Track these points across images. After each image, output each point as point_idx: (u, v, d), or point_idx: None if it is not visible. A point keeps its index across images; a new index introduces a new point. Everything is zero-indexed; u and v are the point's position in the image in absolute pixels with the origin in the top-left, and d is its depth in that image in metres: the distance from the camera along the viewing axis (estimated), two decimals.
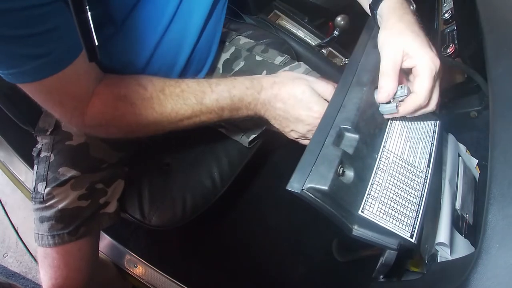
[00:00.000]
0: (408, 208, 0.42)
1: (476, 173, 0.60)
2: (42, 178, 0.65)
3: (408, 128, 0.50)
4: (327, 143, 0.42)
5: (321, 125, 0.44)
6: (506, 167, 0.37)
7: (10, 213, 1.24)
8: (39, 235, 0.65)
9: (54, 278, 0.66)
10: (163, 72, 0.63)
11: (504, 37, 0.49)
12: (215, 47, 0.70)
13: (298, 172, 0.39)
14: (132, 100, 0.51)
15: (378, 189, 0.42)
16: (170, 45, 0.60)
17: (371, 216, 0.40)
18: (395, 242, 0.41)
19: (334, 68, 1.06)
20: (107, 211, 0.70)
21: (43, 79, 0.43)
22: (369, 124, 0.46)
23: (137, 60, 0.59)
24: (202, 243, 1.14)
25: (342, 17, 1.02)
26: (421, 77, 0.44)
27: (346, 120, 0.44)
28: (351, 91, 0.47)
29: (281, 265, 1.11)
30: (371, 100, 0.48)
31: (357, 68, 0.50)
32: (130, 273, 0.89)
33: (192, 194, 0.79)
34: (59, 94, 0.47)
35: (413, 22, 0.49)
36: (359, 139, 0.43)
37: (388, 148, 0.46)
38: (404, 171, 0.45)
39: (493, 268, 0.32)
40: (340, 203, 0.39)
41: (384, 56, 0.47)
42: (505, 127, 0.40)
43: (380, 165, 0.44)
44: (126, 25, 0.54)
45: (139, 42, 0.57)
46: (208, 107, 0.54)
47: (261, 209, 1.20)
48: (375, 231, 0.41)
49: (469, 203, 0.55)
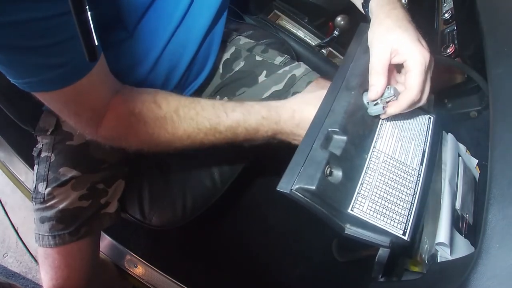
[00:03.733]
0: (401, 206, 0.43)
1: (476, 173, 0.61)
2: (43, 178, 0.65)
3: (400, 128, 0.51)
4: (316, 146, 0.43)
5: (310, 129, 0.45)
6: (506, 167, 0.37)
7: (10, 213, 1.24)
8: (40, 235, 0.65)
9: (54, 278, 0.66)
10: (166, 74, 0.63)
11: (504, 37, 0.49)
12: (216, 48, 0.70)
13: (288, 173, 0.41)
14: (146, 118, 0.50)
15: (368, 188, 0.43)
16: (174, 50, 0.61)
17: (361, 214, 0.41)
18: (387, 239, 0.42)
19: (334, 68, 1.06)
20: (108, 211, 0.70)
21: (59, 89, 0.43)
22: (358, 126, 0.47)
23: (144, 64, 0.59)
24: (202, 243, 1.14)
25: (342, 17, 1.02)
26: (412, 73, 0.44)
27: (334, 123, 0.45)
28: (340, 95, 0.48)
29: (281, 265, 1.11)
30: (360, 103, 0.49)
31: (347, 73, 0.51)
32: (130, 273, 0.89)
33: (192, 194, 0.79)
34: (75, 104, 0.47)
35: (402, 17, 0.49)
36: (347, 141, 0.44)
37: (378, 148, 0.47)
38: (396, 170, 0.46)
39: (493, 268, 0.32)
40: (329, 202, 0.41)
41: (373, 54, 0.47)
42: (505, 127, 0.40)
43: (370, 164, 0.45)
44: (137, 29, 0.54)
45: (148, 47, 0.58)
46: (221, 133, 0.53)
47: (261, 209, 1.20)
48: (366, 229, 0.42)
49: (469, 203, 0.55)
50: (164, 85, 0.65)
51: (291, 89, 0.71)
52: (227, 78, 0.77)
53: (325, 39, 1.12)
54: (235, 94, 0.75)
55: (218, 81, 0.77)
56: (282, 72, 0.73)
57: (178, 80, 0.66)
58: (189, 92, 0.72)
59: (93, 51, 0.47)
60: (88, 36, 0.45)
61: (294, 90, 0.71)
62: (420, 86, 0.44)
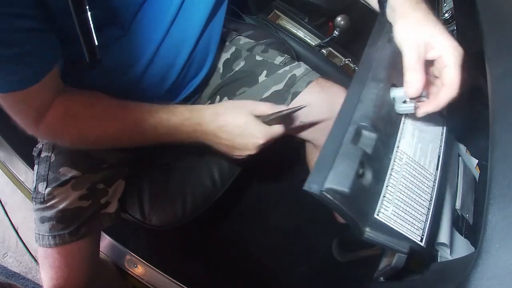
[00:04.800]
0: (419, 211, 0.41)
1: (476, 173, 0.60)
2: (43, 178, 0.65)
3: (419, 129, 0.48)
4: (346, 140, 0.39)
5: (338, 121, 0.41)
6: (506, 167, 0.37)
7: (10, 213, 1.24)
8: (40, 235, 0.65)
9: (55, 278, 0.66)
10: (163, 71, 0.63)
11: (504, 37, 0.49)
12: (214, 47, 0.70)
13: (317, 170, 0.37)
14: (78, 118, 0.53)
15: (392, 191, 0.40)
16: (170, 46, 0.60)
17: (386, 220, 0.39)
18: (406, 245, 0.40)
19: (334, 68, 1.06)
20: (108, 211, 0.70)
21: (9, 92, 0.45)
22: (385, 123, 0.43)
23: (139, 62, 0.59)
24: (202, 243, 1.14)
25: (342, 17, 1.02)
26: (449, 68, 0.43)
27: (364, 117, 0.41)
28: (368, 86, 0.45)
29: (281, 265, 1.11)
30: (387, 98, 0.45)
31: (373, 63, 0.48)
32: (130, 273, 0.89)
33: (192, 194, 0.79)
34: (21, 104, 0.49)
35: (429, 10, 0.47)
36: (377, 138, 0.41)
37: (401, 149, 0.44)
38: (416, 173, 0.43)
39: (493, 268, 0.32)
40: (357, 205, 0.38)
41: (406, 50, 0.44)
42: (505, 127, 0.40)
43: (394, 166, 0.42)
44: (133, 26, 0.54)
45: (144, 43, 0.58)
46: (146, 131, 0.56)
47: (261, 209, 1.20)
48: (387, 234, 0.40)
49: (469, 203, 0.55)
50: (161, 83, 0.65)
51: (291, 89, 0.71)
52: (227, 78, 0.77)
53: (325, 39, 1.12)
54: (235, 94, 0.75)
55: (218, 81, 0.77)
56: (282, 72, 0.73)
57: (176, 77, 0.65)
58: (188, 91, 0.71)
59: (93, 51, 0.47)
60: (88, 36, 0.45)
61: (294, 90, 0.71)
62: (459, 82, 0.42)
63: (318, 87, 0.71)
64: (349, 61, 1.17)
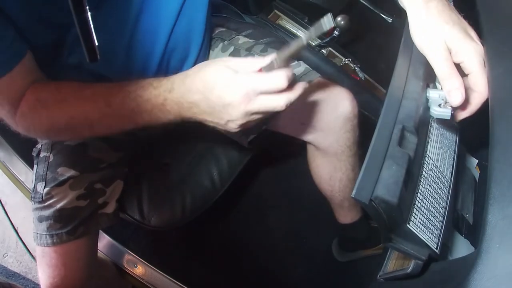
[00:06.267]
0: (438, 218, 0.40)
1: (476, 173, 0.60)
2: (41, 178, 0.65)
3: (442, 134, 0.46)
4: (393, 142, 0.37)
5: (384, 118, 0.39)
6: (506, 167, 0.36)
7: (10, 213, 1.24)
8: (38, 234, 0.65)
9: (52, 277, 0.66)
10: (143, 61, 0.61)
11: (504, 37, 0.49)
12: (198, 37, 0.67)
13: (365, 176, 0.34)
14: (48, 103, 0.51)
15: (420, 198, 0.39)
16: (145, 32, 0.59)
17: (414, 228, 0.37)
18: (425, 253, 0.39)
19: (334, 68, 1.06)
20: (106, 211, 0.70)
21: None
22: (421, 125, 0.41)
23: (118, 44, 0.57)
24: (202, 243, 1.14)
25: (342, 17, 1.02)
26: (477, 74, 0.42)
27: (408, 118, 0.39)
28: (409, 82, 0.42)
29: (281, 265, 1.10)
30: (423, 98, 0.43)
31: (412, 56, 0.45)
32: (130, 273, 0.89)
33: (191, 195, 0.79)
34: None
35: (441, 7, 0.44)
36: (418, 142, 0.39)
37: (429, 154, 0.42)
38: (438, 180, 0.42)
39: (493, 268, 0.32)
40: (396, 214, 0.36)
41: (432, 57, 0.43)
42: (505, 127, 0.40)
43: (422, 172, 0.40)
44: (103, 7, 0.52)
45: (116, 28, 0.56)
46: (115, 109, 0.50)
47: (261, 209, 1.20)
48: (411, 242, 0.39)
49: (469, 203, 0.54)
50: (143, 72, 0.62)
51: None
52: None
53: (325, 39, 1.12)
54: None
55: None
56: None
57: (157, 66, 0.63)
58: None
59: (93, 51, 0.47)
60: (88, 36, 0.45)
61: None
62: (487, 85, 0.41)
63: (318, 87, 0.71)
64: (349, 61, 1.17)
